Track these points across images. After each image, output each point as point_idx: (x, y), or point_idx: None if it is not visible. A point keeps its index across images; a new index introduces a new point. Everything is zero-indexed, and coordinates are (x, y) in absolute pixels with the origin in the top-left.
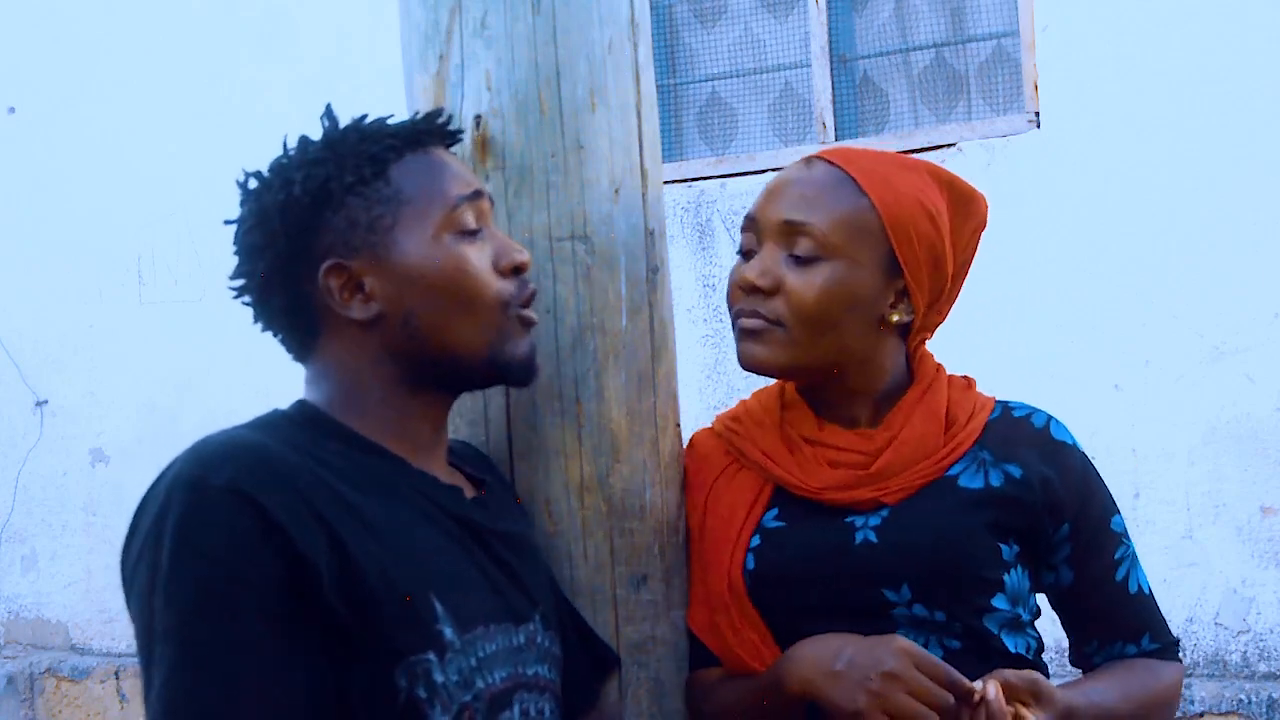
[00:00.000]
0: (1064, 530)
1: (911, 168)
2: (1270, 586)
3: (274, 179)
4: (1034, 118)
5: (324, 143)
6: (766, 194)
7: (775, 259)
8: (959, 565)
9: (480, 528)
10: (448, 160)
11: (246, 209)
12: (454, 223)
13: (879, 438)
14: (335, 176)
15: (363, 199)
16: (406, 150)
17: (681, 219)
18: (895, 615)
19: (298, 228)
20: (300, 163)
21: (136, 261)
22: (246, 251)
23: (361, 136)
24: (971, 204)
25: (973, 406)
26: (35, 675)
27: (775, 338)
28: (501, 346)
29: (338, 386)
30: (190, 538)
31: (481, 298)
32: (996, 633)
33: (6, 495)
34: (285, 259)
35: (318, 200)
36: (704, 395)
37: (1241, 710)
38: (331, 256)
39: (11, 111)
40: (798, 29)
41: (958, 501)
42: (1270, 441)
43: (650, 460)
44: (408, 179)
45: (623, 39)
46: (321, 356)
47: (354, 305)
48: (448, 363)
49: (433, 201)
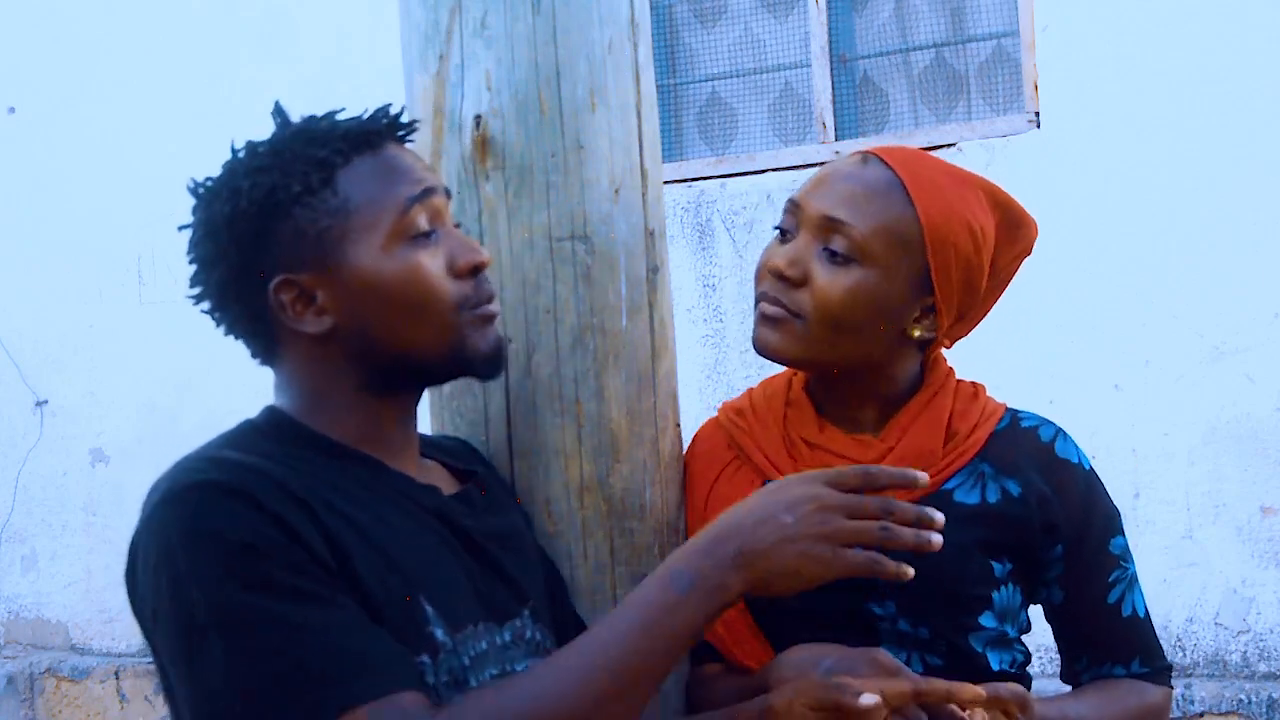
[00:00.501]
0: (1057, 550)
1: (969, 184)
2: (1270, 586)
3: (221, 188)
4: (1034, 118)
5: (270, 148)
6: (816, 181)
7: (809, 250)
8: (947, 583)
9: (460, 525)
10: (398, 158)
11: (196, 218)
12: (405, 228)
13: (878, 447)
14: (282, 186)
15: (310, 210)
16: (354, 153)
17: (681, 219)
18: (880, 629)
19: (247, 240)
20: (247, 170)
21: (136, 261)
22: (199, 262)
23: (308, 140)
24: (1021, 229)
25: (978, 417)
26: (35, 675)
27: (792, 329)
28: (461, 346)
29: (302, 393)
30: (201, 531)
31: (435, 305)
32: (981, 651)
33: (6, 495)
34: (237, 271)
35: (264, 211)
36: (704, 395)
37: (1241, 710)
38: (280, 271)
39: (11, 111)
40: (798, 29)
41: (951, 517)
42: (1270, 441)
43: (650, 460)
44: (355, 186)
45: (623, 39)
46: (283, 363)
47: (307, 319)
48: (408, 366)
49: (382, 208)
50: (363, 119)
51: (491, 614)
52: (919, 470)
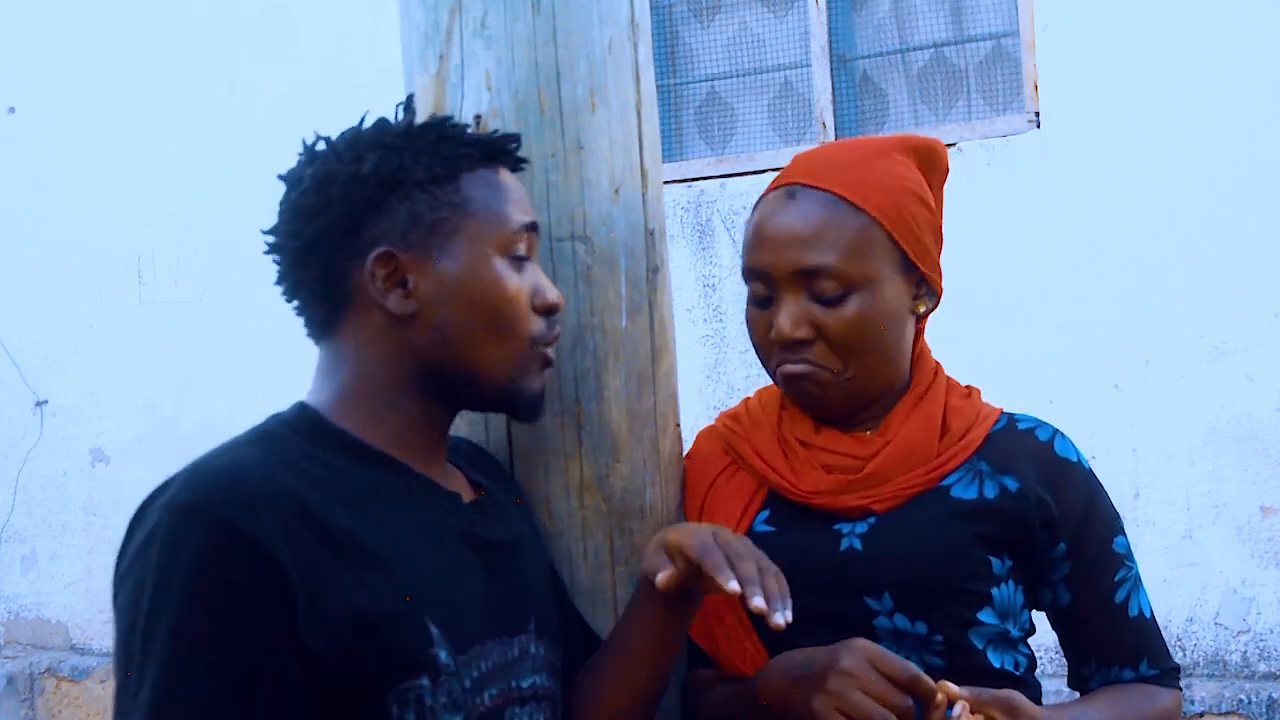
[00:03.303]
0: (1060, 549)
1: (881, 153)
2: (1270, 586)
3: (345, 150)
4: (1034, 118)
5: (402, 131)
6: (766, 243)
7: (801, 306)
8: (942, 576)
9: (479, 536)
10: (514, 185)
11: (308, 170)
12: (509, 247)
13: (874, 442)
14: (409, 167)
15: (430, 197)
16: (479, 164)
17: (681, 219)
18: (877, 626)
19: (360, 204)
20: (375, 143)
21: (136, 261)
22: (295, 212)
23: (440, 136)
24: (935, 156)
25: (974, 416)
26: (35, 675)
27: (826, 379)
28: (520, 379)
29: (348, 378)
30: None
31: (516, 327)
32: (981, 648)
33: (6, 495)
34: (336, 230)
35: (386, 184)
36: (704, 395)
37: (1241, 710)
38: (384, 243)
39: (11, 111)
40: (797, 28)
41: (948, 512)
42: (1270, 441)
43: (650, 460)
44: (477, 191)
45: (623, 39)
46: (341, 338)
47: (393, 297)
48: (465, 378)
49: (495, 220)
50: (491, 137)
51: (502, 628)
52: (906, 466)
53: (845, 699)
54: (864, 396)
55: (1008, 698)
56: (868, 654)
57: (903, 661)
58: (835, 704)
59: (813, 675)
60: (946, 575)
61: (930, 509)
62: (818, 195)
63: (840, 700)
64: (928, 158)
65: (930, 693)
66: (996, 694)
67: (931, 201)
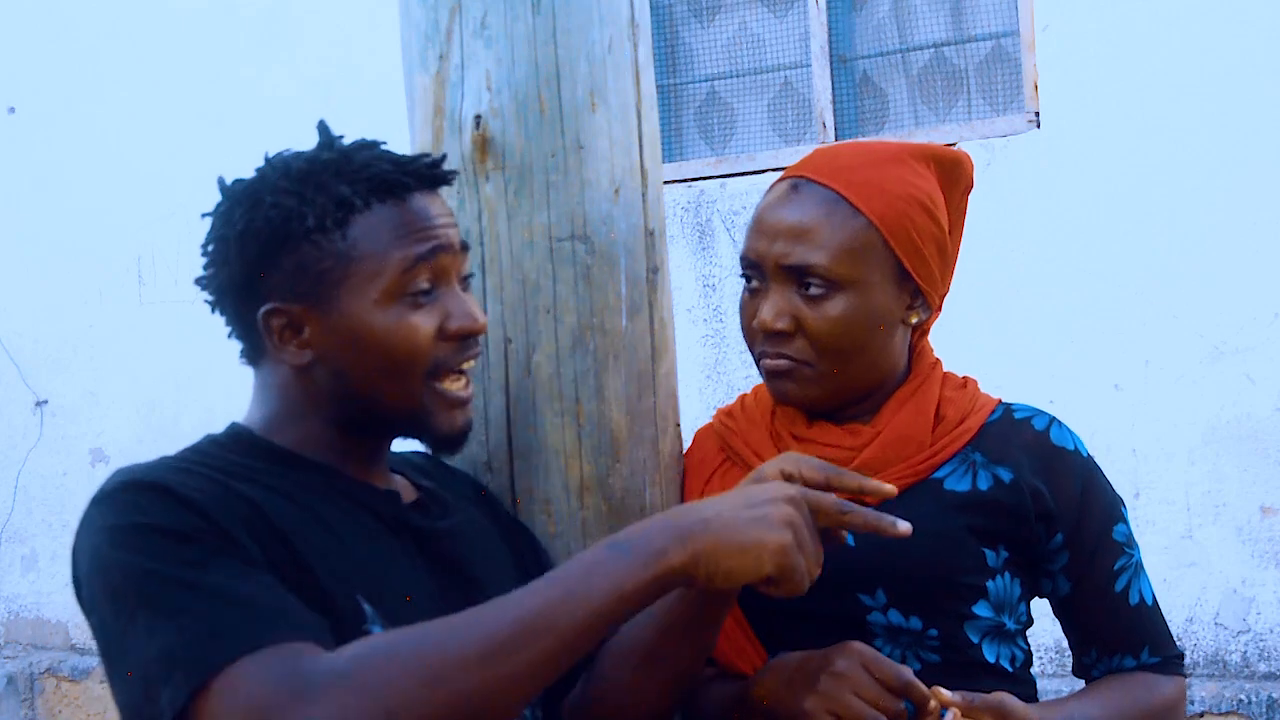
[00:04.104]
0: (1058, 539)
1: (897, 159)
2: (1270, 586)
3: (245, 198)
4: (1034, 117)
5: (301, 174)
6: (762, 232)
7: (788, 298)
8: (935, 569)
9: (418, 527)
10: (421, 210)
11: (216, 217)
12: (403, 286)
13: (866, 433)
14: (298, 216)
15: (316, 248)
16: (375, 199)
17: (681, 219)
18: (871, 622)
19: (252, 257)
20: (274, 188)
21: (136, 261)
22: (208, 258)
23: (337, 173)
24: (958, 168)
25: (969, 407)
26: (35, 675)
27: (805, 374)
28: (425, 416)
29: (276, 405)
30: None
31: (408, 367)
32: (977, 642)
33: (6, 495)
34: (235, 283)
35: (275, 237)
36: (704, 395)
37: (1241, 710)
38: (275, 298)
39: (11, 111)
40: (797, 28)
41: (941, 504)
42: (1270, 441)
43: (650, 460)
44: (367, 235)
45: (623, 39)
46: (263, 378)
47: (289, 349)
48: (375, 416)
49: (385, 263)
50: (401, 162)
51: (445, 611)
52: (899, 456)
53: (837, 701)
54: (845, 394)
55: (999, 702)
56: (862, 657)
57: (896, 665)
58: (827, 705)
59: (806, 676)
60: (940, 568)
61: (923, 502)
62: (820, 192)
63: (832, 702)
64: (950, 170)
65: (923, 698)
66: (988, 698)
67: (942, 215)
